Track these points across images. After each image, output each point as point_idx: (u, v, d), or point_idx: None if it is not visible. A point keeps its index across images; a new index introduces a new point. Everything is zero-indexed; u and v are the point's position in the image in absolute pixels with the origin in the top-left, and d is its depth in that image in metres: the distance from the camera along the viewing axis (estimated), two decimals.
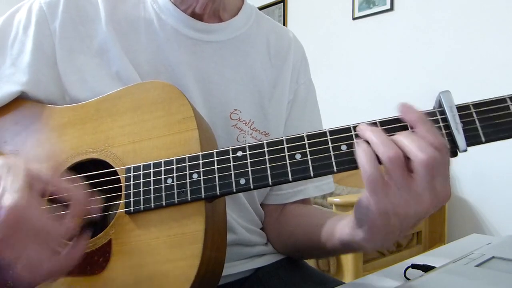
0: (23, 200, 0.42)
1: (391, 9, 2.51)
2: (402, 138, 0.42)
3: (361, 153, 0.43)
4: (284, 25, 2.94)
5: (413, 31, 2.41)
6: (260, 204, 0.74)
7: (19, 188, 0.43)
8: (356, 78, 2.69)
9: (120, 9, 0.65)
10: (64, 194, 0.47)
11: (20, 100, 0.62)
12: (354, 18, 2.71)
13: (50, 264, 0.43)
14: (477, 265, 0.50)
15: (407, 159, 0.41)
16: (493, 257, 0.52)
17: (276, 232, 0.73)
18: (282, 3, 3.20)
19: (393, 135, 0.43)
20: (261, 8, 3.20)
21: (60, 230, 0.44)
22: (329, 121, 0.69)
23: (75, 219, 0.46)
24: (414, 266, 0.61)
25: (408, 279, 0.59)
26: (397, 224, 0.44)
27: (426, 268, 0.59)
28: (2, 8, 0.83)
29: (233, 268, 0.67)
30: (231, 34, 0.69)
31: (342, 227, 0.54)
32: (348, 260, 1.79)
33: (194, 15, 0.66)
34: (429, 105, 0.46)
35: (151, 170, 0.51)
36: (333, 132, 0.46)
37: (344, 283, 0.64)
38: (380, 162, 0.42)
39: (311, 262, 1.75)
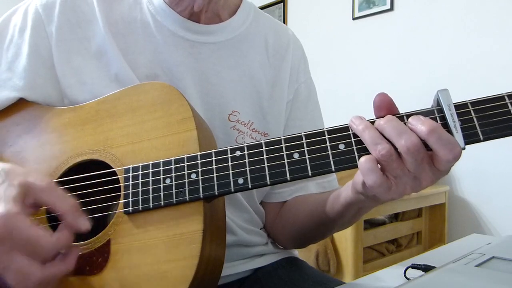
0: (14, 211, 0.42)
1: (391, 9, 2.51)
2: (383, 124, 0.43)
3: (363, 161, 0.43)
4: None
5: (413, 31, 2.41)
6: (261, 203, 0.74)
7: (12, 197, 0.43)
8: (356, 78, 2.69)
9: (116, 10, 0.64)
10: (56, 205, 0.46)
11: (20, 101, 0.61)
12: (354, 18, 2.71)
13: (39, 275, 0.42)
14: (477, 265, 0.49)
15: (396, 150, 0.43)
16: (493, 257, 0.52)
17: (279, 225, 0.73)
18: (282, 3, 3.20)
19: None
20: (261, 8, 3.18)
21: (50, 241, 0.43)
22: (329, 121, 0.69)
23: (67, 231, 0.46)
24: (414, 266, 0.61)
25: (408, 279, 0.59)
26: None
27: (426, 268, 0.59)
28: (2, 8, 0.83)
29: (232, 268, 0.67)
30: (229, 34, 0.69)
31: (346, 192, 0.55)
32: (348, 260, 1.78)
33: (192, 16, 0.66)
34: (429, 104, 0.46)
35: (150, 170, 0.51)
36: (331, 131, 0.46)
37: (344, 283, 0.64)
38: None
39: (311, 262, 1.75)
